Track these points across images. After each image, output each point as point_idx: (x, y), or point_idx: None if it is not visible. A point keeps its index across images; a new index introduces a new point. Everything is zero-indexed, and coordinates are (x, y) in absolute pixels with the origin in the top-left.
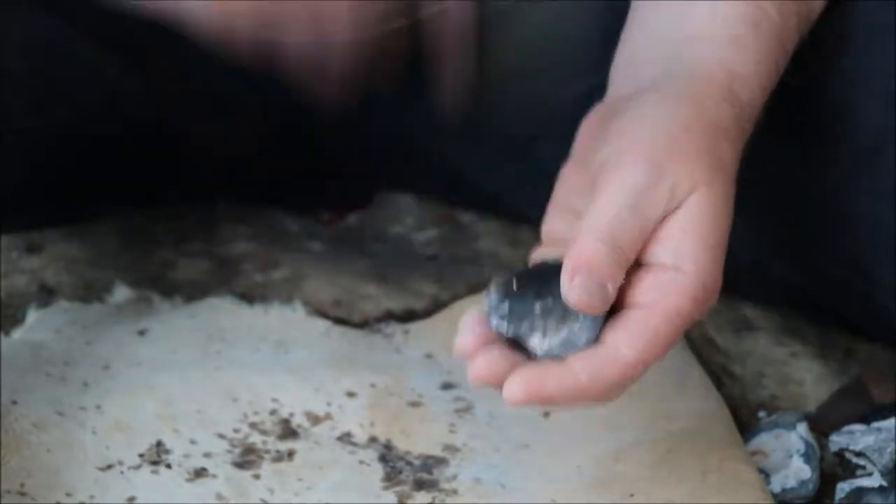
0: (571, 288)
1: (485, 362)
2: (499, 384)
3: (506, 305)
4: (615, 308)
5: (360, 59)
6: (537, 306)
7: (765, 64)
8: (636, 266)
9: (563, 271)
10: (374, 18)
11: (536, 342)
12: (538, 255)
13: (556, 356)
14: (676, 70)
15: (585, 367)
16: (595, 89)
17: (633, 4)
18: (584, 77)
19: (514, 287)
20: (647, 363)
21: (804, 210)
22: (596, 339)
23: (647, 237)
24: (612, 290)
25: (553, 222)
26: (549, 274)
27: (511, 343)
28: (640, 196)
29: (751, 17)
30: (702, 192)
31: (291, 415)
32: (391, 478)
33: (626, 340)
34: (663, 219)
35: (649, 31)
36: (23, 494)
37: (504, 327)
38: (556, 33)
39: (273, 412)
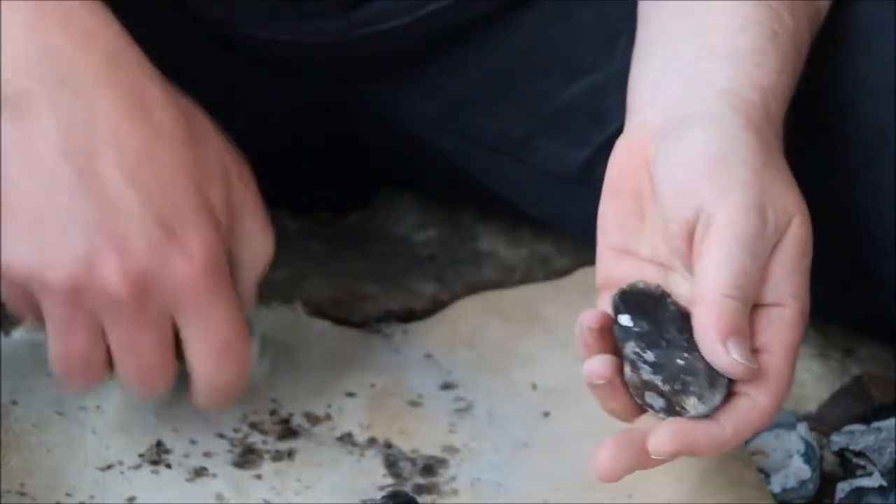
0: (730, 359)
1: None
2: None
3: (650, 354)
4: None
5: None
6: (678, 361)
7: (785, 74)
8: None
9: (705, 335)
10: None
11: (692, 405)
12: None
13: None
14: (702, 91)
15: (730, 421)
16: (594, 88)
17: (643, 11)
18: (584, 76)
19: (631, 322)
20: (781, 403)
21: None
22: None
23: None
24: (747, 342)
25: (611, 266)
26: (664, 314)
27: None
28: (756, 242)
29: (769, 25)
30: (798, 220)
31: (291, 415)
32: (391, 478)
33: (762, 388)
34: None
35: (665, 45)
36: (23, 494)
37: (658, 382)
38: (556, 32)
39: (273, 412)
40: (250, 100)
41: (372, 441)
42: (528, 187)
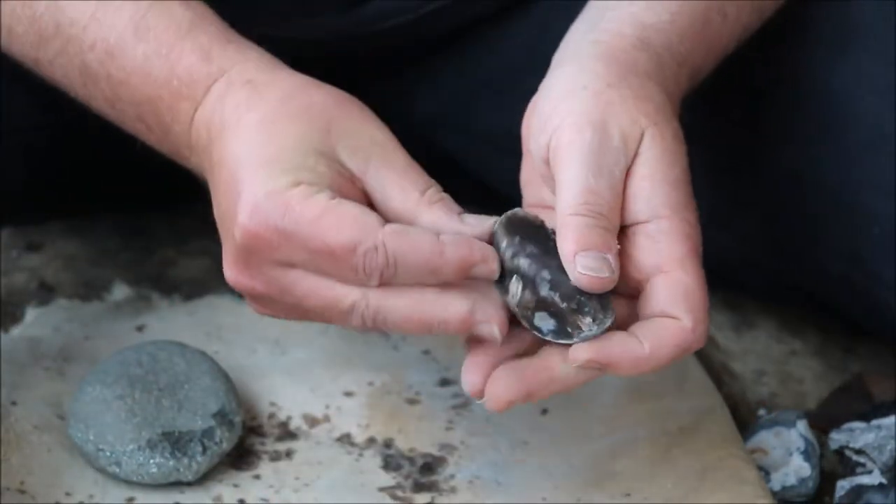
0: (579, 274)
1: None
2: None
3: (546, 273)
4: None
5: None
6: (569, 283)
7: (686, 16)
8: (622, 233)
9: (562, 259)
10: None
11: (587, 324)
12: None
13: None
14: (590, 37)
15: (646, 336)
16: None
17: None
18: None
19: (521, 245)
20: (701, 321)
21: (803, 205)
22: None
23: (621, 194)
24: (612, 260)
25: None
26: (546, 241)
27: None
28: (598, 157)
29: None
30: (651, 133)
31: (289, 418)
32: (390, 477)
33: (675, 305)
34: (627, 172)
35: (581, 16)
36: (22, 492)
37: (556, 298)
38: (557, 29)
39: (271, 416)
40: None
41: (371, 441)
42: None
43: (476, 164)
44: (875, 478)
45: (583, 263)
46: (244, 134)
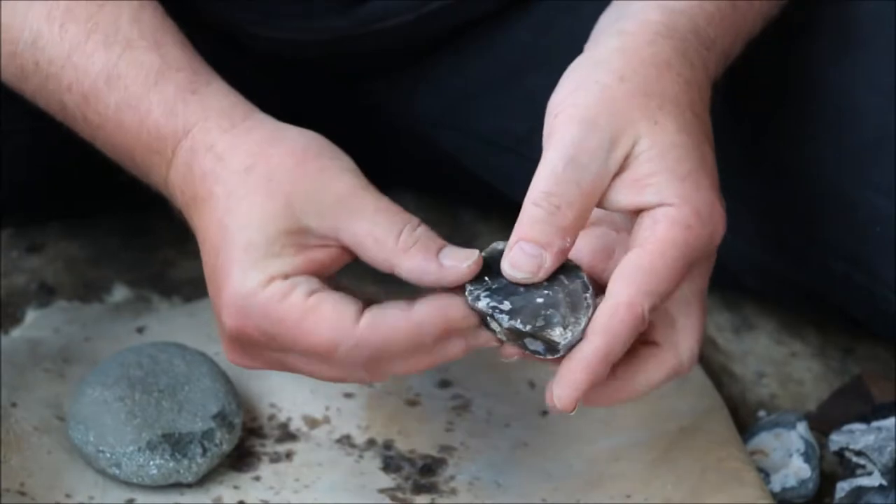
0: (504, 265)
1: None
2: None
3: (507, 304)
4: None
5: None
6: (538, 300)
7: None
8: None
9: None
10: None
11: (559, 335)
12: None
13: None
14: (617, 24)
15: (596, 328)
16: None
17: None
18: None
19: (481, 285)
20: (650, 296)
21: (805, 204)
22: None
23: (591, 193)
24: (549, 257)
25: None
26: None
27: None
28: (573, 151)
29: None
30: (651, 130)
31: (289, 419)
32: (390, 479)
33: (620, 281)
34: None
35: (611, 6)
36: (22, 494)
37: (519, 325)
38: (558, 28)
39: (271, 417)
40: (251, 98)
41: (371, 442)
42: (528, 181)
43: (476, 164)
44: (875, 479)
45: (510, 257)
46: (216, 213)
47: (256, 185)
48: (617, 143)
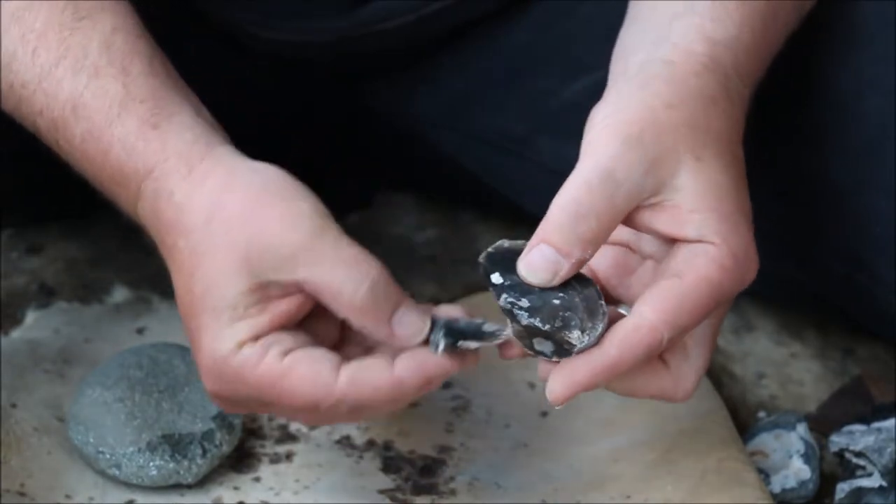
0: (520, 266)
1: None
2: None
3: (525, 301)
4: None
5: None
6: (555, 302)
7: (748, 28)
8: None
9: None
10: None
11: (576, 338)
12: None
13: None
14: (660, 51)
15: (613, 340)
16: (596, 85)
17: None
18: (585, 73)
19: (502, 279)
20: (674, 327)
21: (806, 204)
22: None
23: (622, 208)
24: (566, 264)
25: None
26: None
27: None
28: (611, 164)
29: None
30: (693, 167)
31: (289, 420)
32: (390, 480)
33: (650, 304)
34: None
35: (639, 19)
36: (22, 495)
37: (538, 323)
38: (558, 30)
39: (271, 418)
40: (252, 99)
41: (370, 443)
42: (530, 185)
43: (476, 164)
44: (875, 480)
45: (528, 259)
46: (182, 276)
47: (214, 241)
48: (656, 167)
